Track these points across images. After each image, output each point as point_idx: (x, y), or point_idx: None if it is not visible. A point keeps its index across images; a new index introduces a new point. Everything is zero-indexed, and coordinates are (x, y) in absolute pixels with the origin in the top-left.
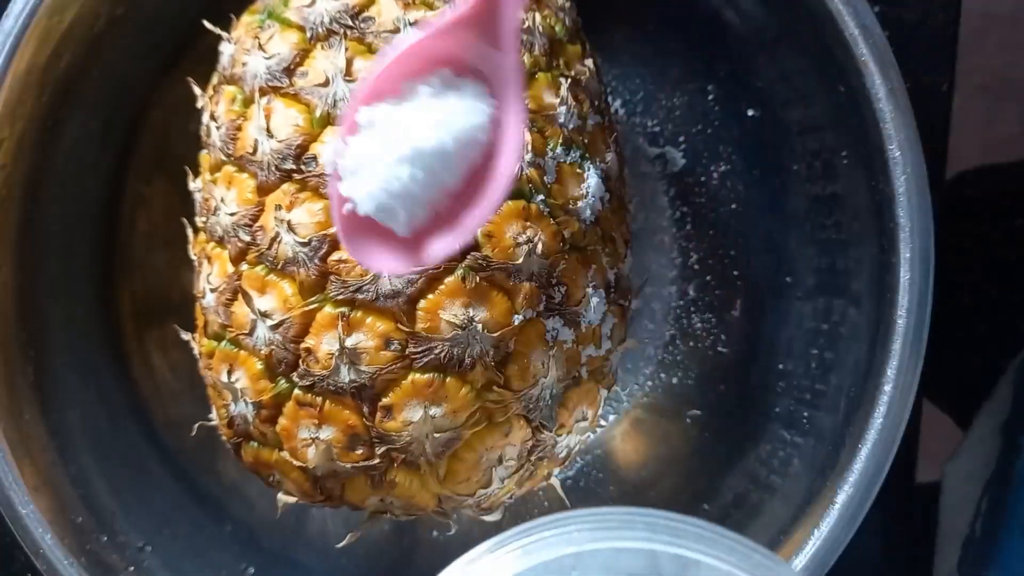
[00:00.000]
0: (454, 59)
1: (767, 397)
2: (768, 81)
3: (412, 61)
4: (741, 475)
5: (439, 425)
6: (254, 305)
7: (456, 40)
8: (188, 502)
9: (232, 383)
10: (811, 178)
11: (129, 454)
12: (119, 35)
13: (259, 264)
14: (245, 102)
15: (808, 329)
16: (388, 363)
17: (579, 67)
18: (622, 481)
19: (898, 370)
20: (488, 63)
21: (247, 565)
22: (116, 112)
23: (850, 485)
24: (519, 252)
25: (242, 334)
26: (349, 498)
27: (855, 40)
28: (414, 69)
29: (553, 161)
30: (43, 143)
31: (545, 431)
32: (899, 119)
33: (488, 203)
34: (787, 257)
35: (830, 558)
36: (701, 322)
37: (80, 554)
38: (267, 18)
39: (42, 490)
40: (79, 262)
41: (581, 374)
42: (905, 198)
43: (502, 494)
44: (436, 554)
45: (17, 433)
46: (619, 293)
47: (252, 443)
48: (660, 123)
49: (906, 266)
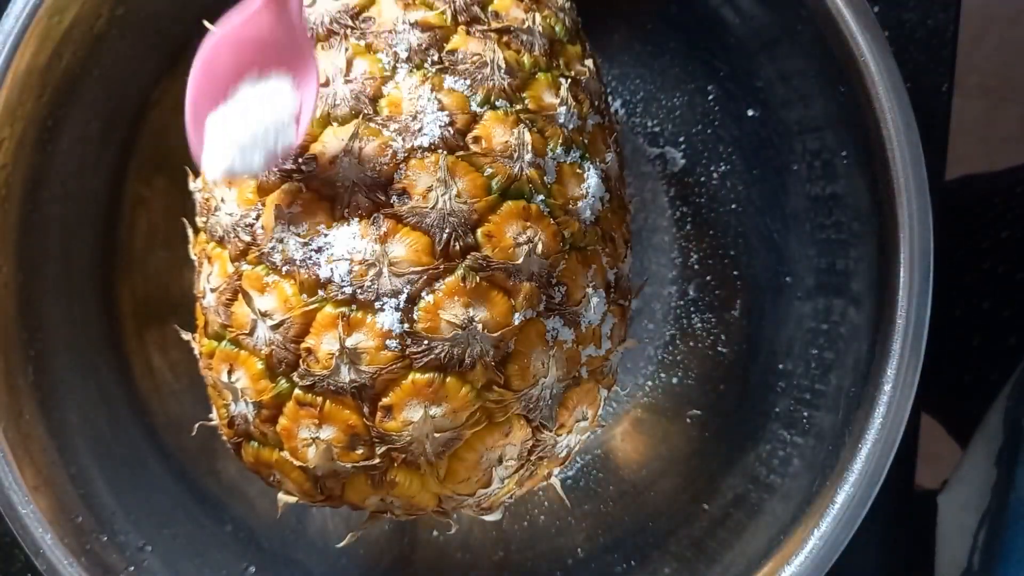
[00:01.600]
0: (260, 58)
1: (767, 397)
2: (768, 81)
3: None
4: (741, 475)
5: (439, 425)
6: (254, 305)
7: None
8: (188, 502)
9: (232, 383)
10: (811, 178)
11: (129, 454)
12: (119, 35)
13: (259, 264)
14: None
15: (808, 329)
16: (388, 363)
17: (579, 67)
18: (622, 481)
19: (898, 370)
20: (286, 53)
21: (247, 564)
22: (116, 112)
23: (850, 485)
24: (519, 252)
25: (242, 334)
26: (349, 498)
27: (855, 40)
28: (233, 73)
29: (553, 161)
30: (43, 143)
31: (545, 431)
32: (899, 119)
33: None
34: (787, 257)
35: (830, 558)
36: (701, 322)
37: (80, 554)
38: None
39: (42, 490)
40: (79, 262)
41: (581, 374)
42: (905, 198)
43: (502, 494)
44: (436, 554)
45: (17, 433)
46: (619, 293)
47: (252, 443)
48: (660, 123)
49: (906, 266)
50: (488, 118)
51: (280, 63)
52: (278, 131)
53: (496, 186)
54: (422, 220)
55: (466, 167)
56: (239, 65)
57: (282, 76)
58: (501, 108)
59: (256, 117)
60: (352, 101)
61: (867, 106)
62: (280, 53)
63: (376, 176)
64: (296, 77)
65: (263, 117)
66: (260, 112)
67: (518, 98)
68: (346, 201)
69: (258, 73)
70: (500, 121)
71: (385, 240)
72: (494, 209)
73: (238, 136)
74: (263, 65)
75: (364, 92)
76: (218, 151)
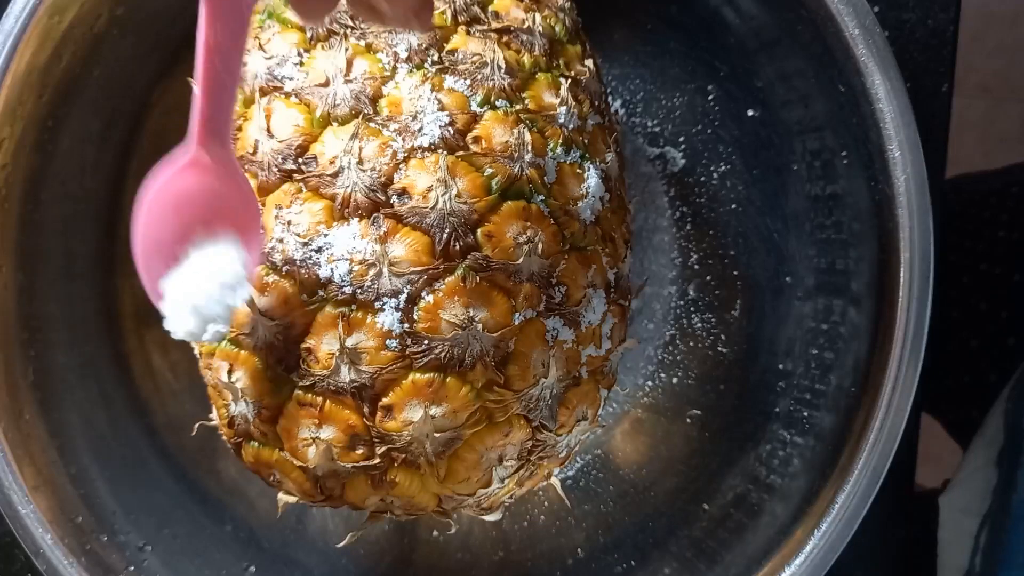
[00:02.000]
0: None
1: (767, 397)
2: (768, 81)
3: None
4: (741, 475)
5: (439, 425)
6: (254, 305)
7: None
8: (188, 502)
9: (232, 383)
10: (811, 178)
11: (129, 454)
12: (119, 35)
13: (259, 264)
14: (245, 102)
15: (808, 329)
16: (388, 363)
17: (579, 67)
18: (622, 481)
19: (898, 370)
20: (226, 203)
21: (247, 564)
22: (116, 112)
23: (850, 485)
24: (519, 252)
25: (242, 334)
26: (349, 498)
27: (855, 40)
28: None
29: (553, 161)
30: (43, 143)
31: (545, 431)
32: (899, 119)
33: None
34: (787, 257)
35: (830, 558)
36: (701, 322)
37: (80, 554)
38: (267, 18)
39: (42, 490)
40: (79, 262)
41: (581, 374)
42: (905, 198)
43: (502, 494)
44: (436, 554)
45: (17, 433)
46: (619, 293)
47: (252, 443)
48: (660, 123)
49: (906, 266)
50: (488, 118)
51: (222, 216)
52: (234, 287)
53: (496, 186)
54: (422, 220)
55: (466, 167)
56: (182, 225)
57: (227, 234)
58: (501, 108)
59: (208, 280)
60: (352, 101)
61: (867, 106)
62: (221, 203)
63: (376, 176)
64: (241, 231)
65: (215, 279)
66: (211, 274)
67: (518, 98)
68: (346, 201)
69: (203, 230)
70: (500, 121)
71: (385, 240)
72: (494, 209)
73: (195, 301)
74: (206, 220)
75: (364, 92)
76: (178, 316)
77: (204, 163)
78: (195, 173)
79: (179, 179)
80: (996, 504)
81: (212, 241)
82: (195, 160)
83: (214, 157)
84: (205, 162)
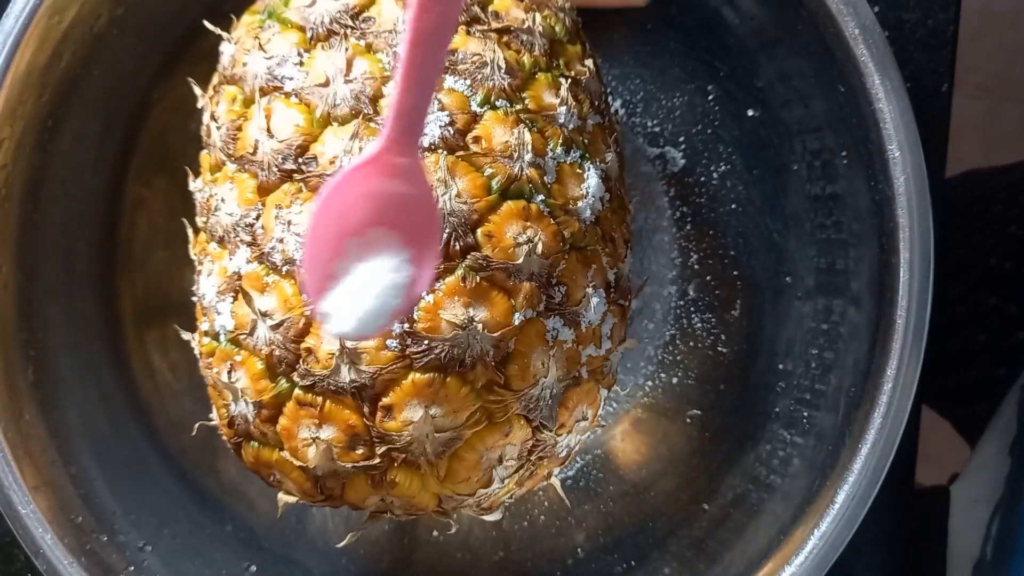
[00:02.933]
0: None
1: (767, 397)
2: (768, 81)
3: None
4: (741, 475)
5: (439, 425)
6: (254, 305)
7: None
8: (188, 502)
9: (232, 383)
10: (811, 178)
11: (129, 454)
12: (119, 35)
13: (259, 264)
14: (246, 102)
15: (808, 329)
16: (388, 363)
17: (579, 67)
18: (622, 481)
19: (898, 370)
20: (404, 212)
21: (247, 564)
22: (116, 112)
23: (850, 485)
24: (519, 252)
25: (242, 334)
26: (349, 498)
27: (855, 40)
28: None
29: (553, 161)
30: (43, 143)
31: (545, 431)
32: (899, 119)
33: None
34: (787, 257)
35: (830, 558)
36: (701, 322)
37: (80, 554)
38: (267, 18)
39: (42, 490)
40: (79, 262)
41: (581, 374)
42: (905, 198)
43: (502, 494)
44: (436, 554)
45: (17, 433)
46: (619, 293)
47: (252, 443)
48: (660, 123)
49: (906, 266)
50: (488, 118)
51: (398, 225)
52: (396, 297)
53: (496, 186)
54: None
55: (466, 167)
56: (350, 226)
57: (396, 246)
58: (501, 108)
59: (375, 292)
60: (352, 101)
61: (867, 106)
62: (399, 211)
63: None
64: (415, 246)
65: (381, 292)
66: (379, 287)
67: (518, 98)
68: None
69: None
70: (500, 121)
71: None
72: (494, 209)
73: (359, 310)
74: (377, 224)
75: (364, 92)
76: (340, 319)
77: (389, 162)
78: (376, 170)
79: (360, 174)
80: (1008, 493)
81: (380, 252)
82: (378, 157)
83: (403, 156)
84: (390, 161)
